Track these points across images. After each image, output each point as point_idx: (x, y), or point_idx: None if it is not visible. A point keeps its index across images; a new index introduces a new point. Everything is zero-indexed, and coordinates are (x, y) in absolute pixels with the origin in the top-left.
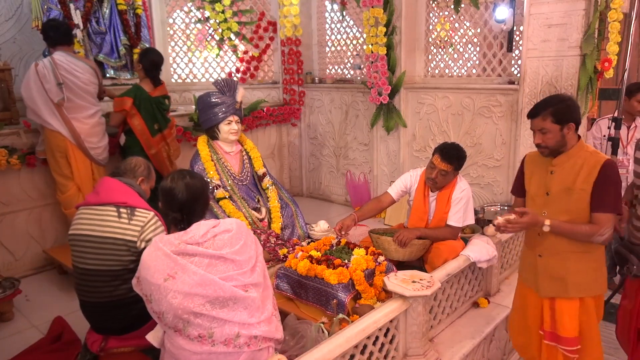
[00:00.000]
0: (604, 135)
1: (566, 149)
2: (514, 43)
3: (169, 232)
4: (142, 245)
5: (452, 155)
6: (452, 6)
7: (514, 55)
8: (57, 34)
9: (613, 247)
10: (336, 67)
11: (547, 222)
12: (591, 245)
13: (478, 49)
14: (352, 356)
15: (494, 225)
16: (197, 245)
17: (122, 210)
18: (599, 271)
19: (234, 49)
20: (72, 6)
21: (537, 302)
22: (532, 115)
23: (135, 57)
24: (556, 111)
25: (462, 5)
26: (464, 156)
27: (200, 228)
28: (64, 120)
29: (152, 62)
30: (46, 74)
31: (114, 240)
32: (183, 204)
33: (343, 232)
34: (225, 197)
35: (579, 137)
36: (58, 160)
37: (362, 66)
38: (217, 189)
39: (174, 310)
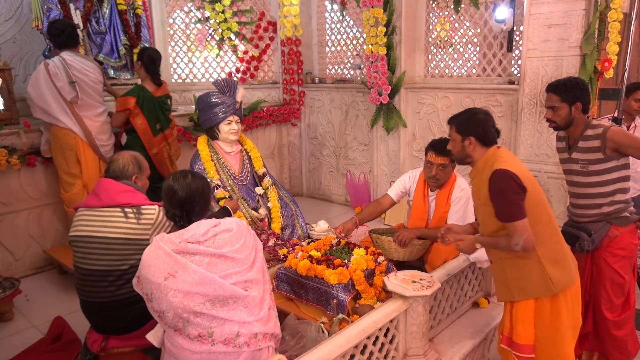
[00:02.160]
0: None
1: (473, 162)
2: (514, 43)
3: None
4: None
5: (445, 148)
6: (452, 6)
7: (514, 55)
8: (61, 38)
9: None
10: (336, 67)
11: (478, 245)
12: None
13: (478, 49)
14: (352, 356)
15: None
16: (197, 243)
17: (127, 210)
18: (542, 274)
19: (234, 49)
20: (72, 6)
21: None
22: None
23: (135, 57)
24: (459, 123)
25: (462, 5)
26: None
27: (201, 227)
28: (76, 118)
29: (150, 57)
30: (58, 73)
31: (123, 241)
32: (182, 202)
33: (344, 235)
34: (225, 197)
35: (497, 147)
36: (67, 158)
37: (362, 66)
38: (217, 189)
39: (174, 309)
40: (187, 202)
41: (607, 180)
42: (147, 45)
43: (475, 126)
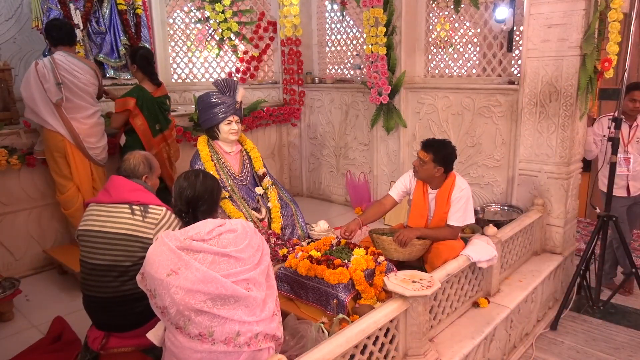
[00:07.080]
0: (604, 135)
1: None
2: (514, 43)
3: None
4: None
5: (431, 145)
6: (452, 6)
7: (514, 55)
8: (59, 34)
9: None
10: (336, 67)
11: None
12: None
13: (478, 49)
14: (352, 356)
15: None
16: (202, 241)
17: (135, 207)
18: None
19: (234, 49)
20: (72, 6)
21: None
22: None
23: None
24: None
25: (462, 5)
26: (445, 149)
27: (206, 225)
28: (63, 120)
29: (144, 57)
30: (45, 74)
31: (126, 237)
32: (189, 199)
33: (348, 235)
34: (225, 197)
35: None
36: (57, 160)
37: (362, 66)
38: None
39: (177, 305)
40: (194, 200)
41: None
42: (139, 45)
43: None
